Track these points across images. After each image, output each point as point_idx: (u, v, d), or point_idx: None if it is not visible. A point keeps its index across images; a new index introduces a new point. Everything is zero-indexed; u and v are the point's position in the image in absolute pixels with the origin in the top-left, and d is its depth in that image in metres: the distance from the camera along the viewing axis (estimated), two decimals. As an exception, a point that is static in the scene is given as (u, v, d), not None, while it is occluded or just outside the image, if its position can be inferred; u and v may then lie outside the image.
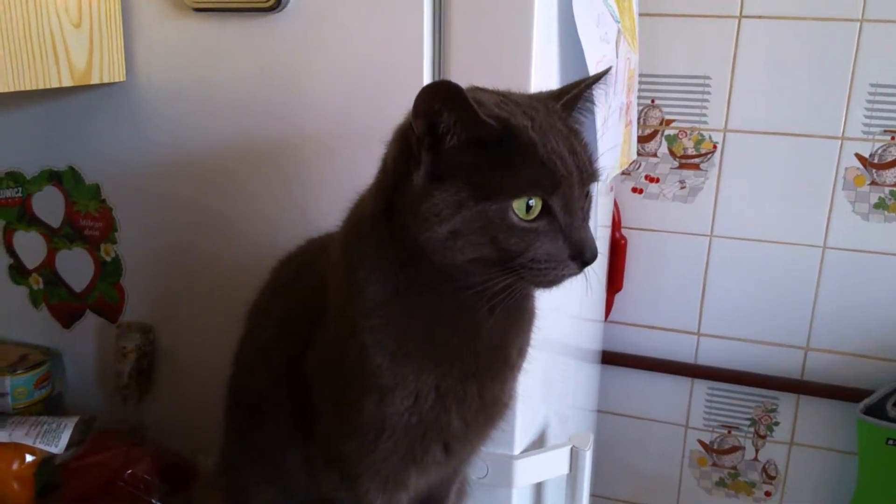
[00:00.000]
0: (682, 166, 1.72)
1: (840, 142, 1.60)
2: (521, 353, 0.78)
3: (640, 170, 1.74)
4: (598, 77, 0.71)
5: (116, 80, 0.97)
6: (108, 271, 1.09)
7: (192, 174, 1.01)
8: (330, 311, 0.74)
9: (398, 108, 0.67)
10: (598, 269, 0.88)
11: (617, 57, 1.07)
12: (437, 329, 0.69)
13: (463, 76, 0.87)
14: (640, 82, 1.62)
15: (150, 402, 1.13)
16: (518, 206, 0.61)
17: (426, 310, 0.69)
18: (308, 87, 0.94)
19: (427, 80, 0.89)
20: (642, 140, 1.72)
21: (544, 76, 0.88)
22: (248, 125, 0.98)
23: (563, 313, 1.18)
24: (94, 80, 0.93)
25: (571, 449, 0.98)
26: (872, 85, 1.56)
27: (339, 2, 0.90)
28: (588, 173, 0.65)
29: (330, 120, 0.94)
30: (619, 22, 1.04)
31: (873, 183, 1.61)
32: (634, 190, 1.76)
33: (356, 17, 0.90)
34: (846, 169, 1.61)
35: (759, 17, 1.59)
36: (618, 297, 1.83)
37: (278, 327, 0.84)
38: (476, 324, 0.69)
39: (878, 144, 1.59)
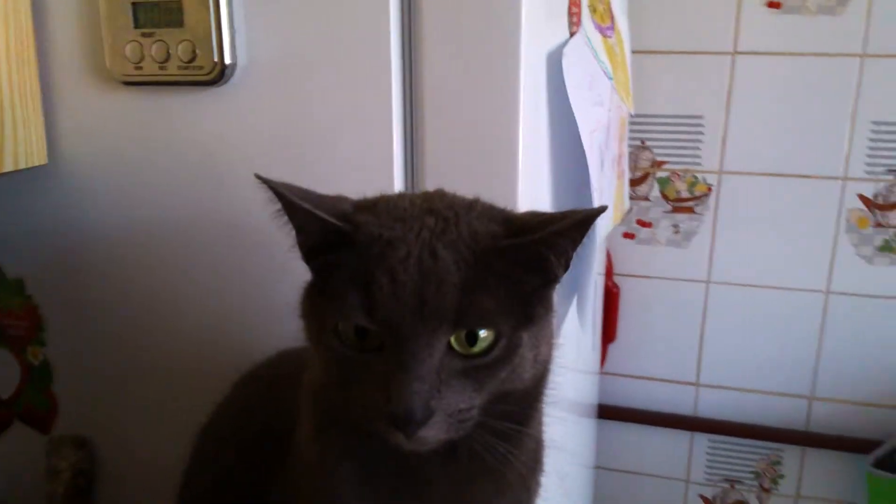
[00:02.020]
0: (675, 210, 1.62)
1: (842, 182, 1.51)
2: None
3: (632, 214, 1.64)
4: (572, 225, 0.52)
5: (37, 163, 0.86)
6: (36, 376, 0.97)
7: (127, 264, 0.90)
8: (294, 445, 0.64)
9: (362, 189, 0.59)
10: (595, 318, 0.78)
11: (609, 111, 0.98)
12: (378, 477, 0.57)
13: (439, 163, 0.77)
14: (630, 123, 1.52)
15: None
16: (343, 328, 0.51)
17: (363, 449, 0.57)
18: (258, 165, 0.83)
19: (399, 168, 0.78)
20: (633, 183, 1.62)
21: (532, 155, 0.78)
22: (191, 209, 0.87)
23: (557, 364, 1.07)
24: (9, 168, 0.82)
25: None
26: (875, 123, 1.47)
27: (293, 74, 0.79)
28: (438, 310, 0.49)
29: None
30: (611, 79, 0.95)
31: (877, 224, 1.51)
32: (626, 235, 1.66)
33: (313, 90, 0.79)
34: (849, 210, 1.52)
35: (755, 53, 1.50)
36: (612, 348, 1.73)
37: (240, 455, 0.71)
38: (423, 478, 0.57)
39: (881, 185, 1.50)
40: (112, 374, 0.94)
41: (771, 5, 1.48)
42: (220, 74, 0.79)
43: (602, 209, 0.52)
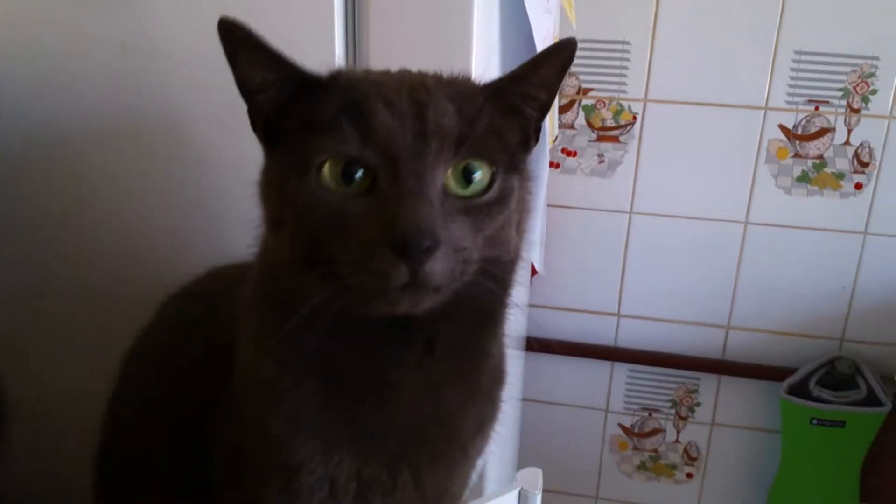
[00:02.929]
0: (600, 139, 1.60)
1: (763, 112, 1.52)
2: (481, 427, 0.60)
3: (557, 143, 1.61)
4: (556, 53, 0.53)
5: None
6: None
7: (41, 173, 0.81)
8: (237, 363, 0.58)
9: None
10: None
11: (555, 23, 0.93)
12: (340, 389, 0.53)
13: (386, 54, 0.71)
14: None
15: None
16: (329, 169, 0.46)
17: (323, 359, 0.52)
18: (184, 62, 0.76)
19: (339, 50, 0.72)
20: (559, 111, 1.59)
21: (485, 60, 0.73)
22: (112, 110, 0.79)
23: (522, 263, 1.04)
24: None
25: (520, 492, 0.85)
26: (797, 52, 1.47)
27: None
28: (440, 129, 0.47)
29: (214, 99, 0.75)
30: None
31: (796, 155, 1.54)
32: (551, 164, 1.63)
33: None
34: (769, 141, 1.54)
35: (682, -24, 1.47)
36: (535, 279, 1.71)
37: (175, 381, 0.65)
38: (393, 383, 0.52)
39: (801, 115, 1.51)
40: (21, 301, 0.86)
41: (699, -70, 1.46)
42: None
43: (563, 42, 0.52)
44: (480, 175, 0.48)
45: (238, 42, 0.47)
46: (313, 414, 0.53)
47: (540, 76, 0.52)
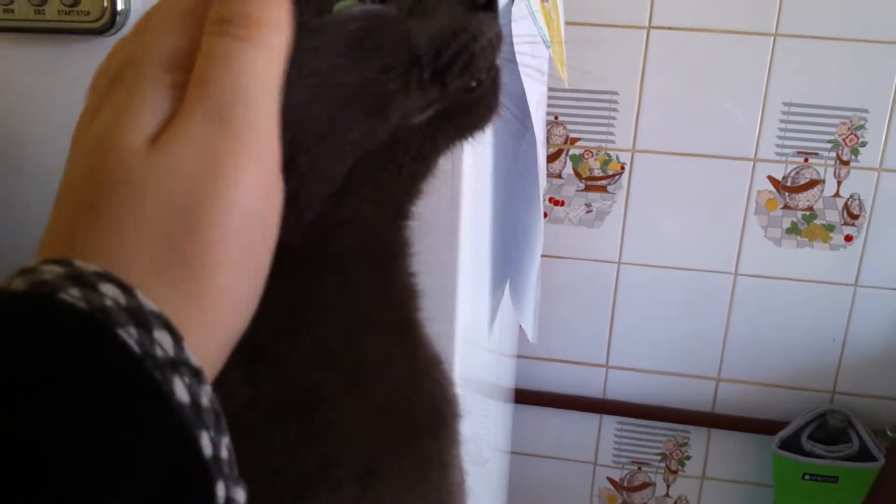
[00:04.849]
0: (588, 188, 1.58)
1: (752, 163, 1.51)
2: None
3: (545, 192, 1.59)
4: None
5: None
6: None
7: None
8: None
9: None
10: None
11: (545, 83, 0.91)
12: None
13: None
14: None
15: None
16: None
17: None
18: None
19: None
20: (547, 160, 1.57)
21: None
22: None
23: (477, 346, 1.00)
24: None
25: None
26: (786, 104, 1.46)
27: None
28: None
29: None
30: (549, 47, 0.88)
31: (786, 207, 1.52)
32: (537, 215, 1.60)
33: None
34: (758, 192, 1.52)
35: (669, 28, 1.46)
36: (521, 330, 1.68)
37: None
38: None
39: (790, 167, 1.49)
40: None
41: (686, -19, 1.45)
42: (110, 22, 0.67)
43: None
44: None
45: None
46: None
47: None
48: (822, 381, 1.60)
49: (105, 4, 0.66)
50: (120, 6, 0.67)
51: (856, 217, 1.50)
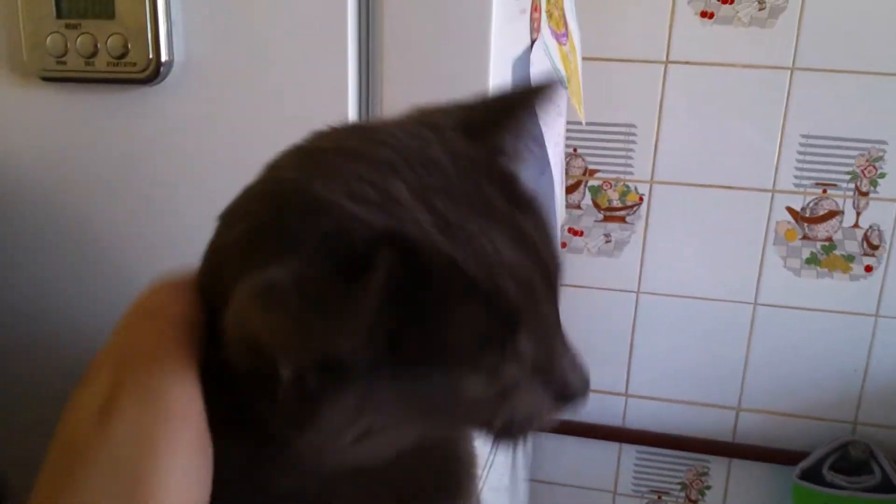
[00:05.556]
0: (606, 219, 1.60)
1: (771, 194, 1.52)
2: None
3: (564, 223, 1.61)
4: (538, 92, 0.44)
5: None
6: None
7: (45, 275, 0.80)
8: None
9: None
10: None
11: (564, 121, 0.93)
12: None
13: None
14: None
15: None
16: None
17: None
18: (197, 168, 0.75)
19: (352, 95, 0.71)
20: (565, 191, 1.59)
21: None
22: (119, 219, 0.77)
23: None
24: None
25: None
26: (804, 136, 1.47)
27: (236, 72, 0.71)
28: (553, 265, 0.40)
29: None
30: (566, 87, 0.90)
31: (805, 237, 1.53)
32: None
33: (259, 90, 0.71)
34: (777, 223, 1.53)
35: (687, 62, 1.48)
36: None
37: None
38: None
39: (809, 198, 1.51)
40: (26, 398, 0.83)
41: (703, 15, 1.47)
42: (155, 72, 0.70)
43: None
44: None
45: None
46: None
47: None
48: (844, 411, 1.60)
49: (150, 56, 0.69)
50: (164, 57, 0.70)
51: (876, 248, 1.51)
